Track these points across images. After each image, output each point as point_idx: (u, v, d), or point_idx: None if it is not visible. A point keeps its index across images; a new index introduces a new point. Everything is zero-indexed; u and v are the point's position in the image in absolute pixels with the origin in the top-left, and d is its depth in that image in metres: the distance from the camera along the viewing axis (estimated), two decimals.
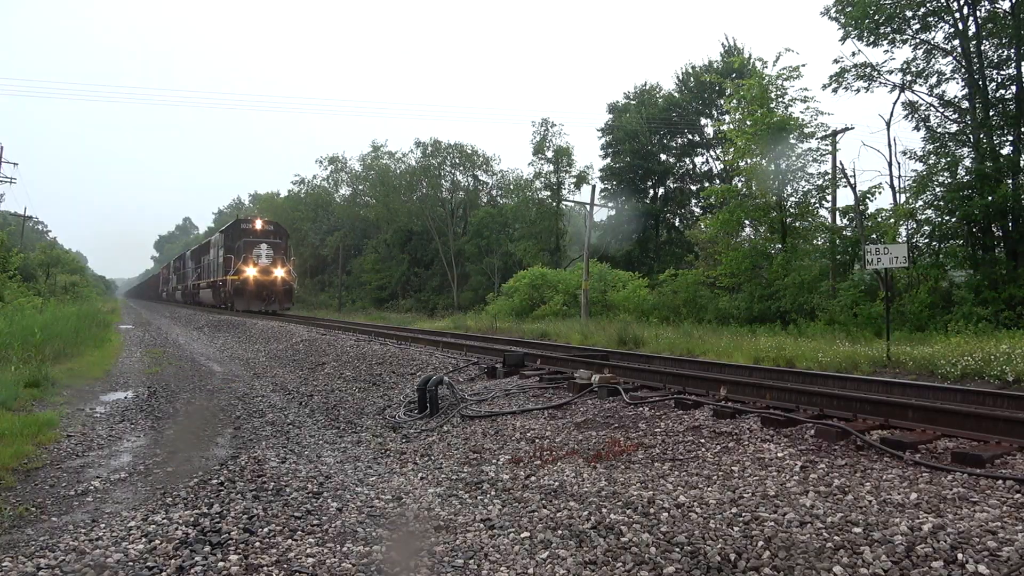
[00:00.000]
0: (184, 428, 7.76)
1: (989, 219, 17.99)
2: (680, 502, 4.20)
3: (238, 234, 31.26)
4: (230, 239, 31.41)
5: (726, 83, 26.56)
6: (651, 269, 34.49)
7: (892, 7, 19.64)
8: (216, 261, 34.01)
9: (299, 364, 13.11)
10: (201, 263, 39.78)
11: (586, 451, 5.66)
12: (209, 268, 36.54)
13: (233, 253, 30.45)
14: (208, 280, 36.36)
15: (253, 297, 29.38)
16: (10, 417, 7.27)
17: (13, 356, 10.81)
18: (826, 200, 22.34)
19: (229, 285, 30.29)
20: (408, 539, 4.14)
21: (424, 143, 49.01)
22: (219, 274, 32.91)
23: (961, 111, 19.79)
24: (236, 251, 30.38)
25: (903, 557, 3.21)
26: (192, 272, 43.62)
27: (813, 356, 11.64)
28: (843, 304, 18.30)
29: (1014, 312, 15.83)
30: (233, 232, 31.77)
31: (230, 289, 30.15)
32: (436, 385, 7.92)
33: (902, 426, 5.42)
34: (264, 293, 29.80)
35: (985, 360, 9.75)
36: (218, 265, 33.12)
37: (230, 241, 31.34)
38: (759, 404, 6.44)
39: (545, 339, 17.76)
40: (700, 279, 24.43)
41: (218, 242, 33.79)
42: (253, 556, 3.83)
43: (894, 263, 12.05)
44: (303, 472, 5.65)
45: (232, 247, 30.92)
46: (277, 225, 34.25)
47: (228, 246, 31.23)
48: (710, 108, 40.00)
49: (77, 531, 4.27)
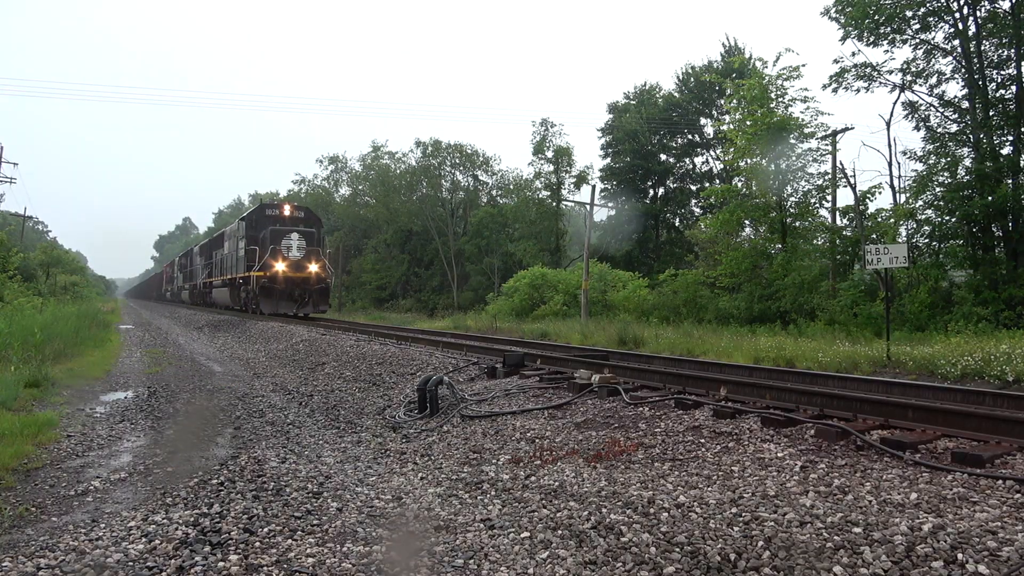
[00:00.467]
0: (184, 428, 7.75)
1: (989, 219, 18.00)
2: (680, 502, 4.20)
3: (263, 222, 26.20)
4: (253, 228, 26.19)
5: (726, 83, 26.58)
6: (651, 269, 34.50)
7: (892, 7, 19.64)
8: (234, 255, 28.51)
9: (299, 364, 13.11)
10: (213, 258, 34.46)
11: (586, 451, 5.66)
12: (224, 263, 31.19)
13: (257, 244, 25.24)
14: (223, 277, 31.04)
15: (282, 297, 24.62)
16: (10, 417, 7.27)
17: (13, 356, 10.80)
18: (826, 200, 22.35)
19: (252, 283, 24.93)
20: (408, 539, 4.14)
21: (424, 143, 49.08)
22: (238, 270, 27.55)
23: (961, 111, 19.80)
24: (261, 242, 25.19)
25: (903, 557, 3.21)
26: (201, 269, 38.23)
27: (813, 356, 11.64)
28: (843, 304, 18.31)
29: (1014, 312, 15.84)
30: (257, 219, 26.53)
31: (253, 288, 24.93)
32: (436, 385, 7.92)
33: (902, 426, 5.41)
34: (296, 293, 24.87)
35: (985, 360, 9.75)
36: (237, 259, 27.85)
37: (253, 230, 26.07)
38: (759, 404, 6.44)
39: (545, 339, 17.75)
40: (700, 279, 24.43)
41: (237, 232, 28.26)
42: (253, 556, 3.83)
43: (894, 263, 12.05)
44: (303, 472, 5.65)
45: (256, 237, 25.63)
46: (308, 211, 28.77)
47: (251, 236, 25.93)
48: (710, 108, 40.01)
49: (77, 531, 4.27)
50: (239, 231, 27.62)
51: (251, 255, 25.23)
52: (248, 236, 26.06)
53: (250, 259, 25.31)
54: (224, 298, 31.16)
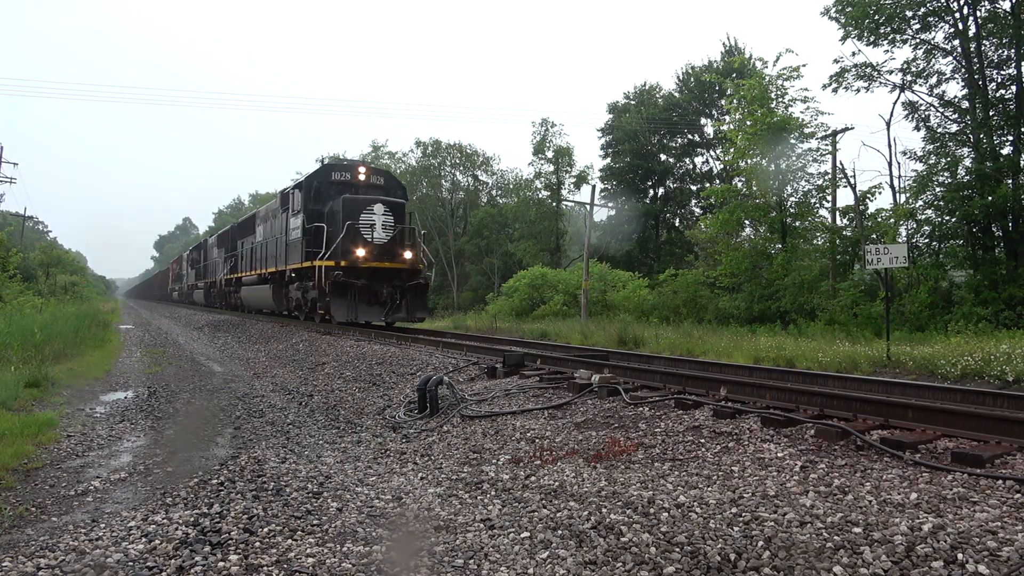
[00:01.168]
0: (184, 428, 7.76)
1: (989, 219, 18.02)
2: (680, 502, 4.20)
3: (328, 190, 18.42)
4: (315, 198, 18.28)
5: (726, 83, 26.63)
6: (651, 269, 34.54)
7: (892, 7, 19.67)
8: (279, 240, 20.37)
9: (299, 364, 13.11)
10: (240, 248, 26.63)
11: (586, 451, 5.66)
12: (259, 253, 23.20)
13: (325, 221, 17.41)
14: (259, 272, 22.96)
15: (364, 298, 16.75)
16: (10, 417, 7.28)
17: (13, 356, 10.81)
18: (826, 200, 22.38)
19: (319, 276, 16.83)
20: (408, 539, 4.14)
21: (424, 143, 49.16)
22: (287, 259, 19.40)
23: (961, 111, 19.81)
24: (329, 217, 17.54)
25: (903, 557, 3.21)
26: (222, 263, 30.18)
27: (813, 356, 11.65)
28: (843, 304, 18.33)
29: (1014, 312, 15.86)
30: (320, 186, 18.54)
31: (320, 283, 16.89)
32: (436, 385, 7.92)
33: (902, 426, 5.41)
34: (384, 291, 16.96)
35: (985, 360, 9.76)
36: (285, 245, 19.73)
37: (315, 202, 18.19)
38: (759, 404, 6.44)
39: (545, 339, 17.75)
40: (700, 279, 24.47)
41: (283, 208, 20.16)
42: (253, 556, 3.83)
43: (894, 263, 12.06)
44: (303, 472, 5.65)
45: (319, 212, 17.92)
46: (389, 175, 20.72)
47: (312, 211, 17.99)
48: (710, 108, 40.03)
49: (77, 531, 4.27)
50: (292, 203, 19.32)
51: (314, 237, 17.33)
52: (309, 211, 18.09)
53: (313, 242, 17.38)
54: (260, 299, 23.47)
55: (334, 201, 17.79)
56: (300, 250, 18.12)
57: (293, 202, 19.29)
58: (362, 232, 16.92)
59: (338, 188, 18.38)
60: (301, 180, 19.98)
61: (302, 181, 19.54)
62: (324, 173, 19.05)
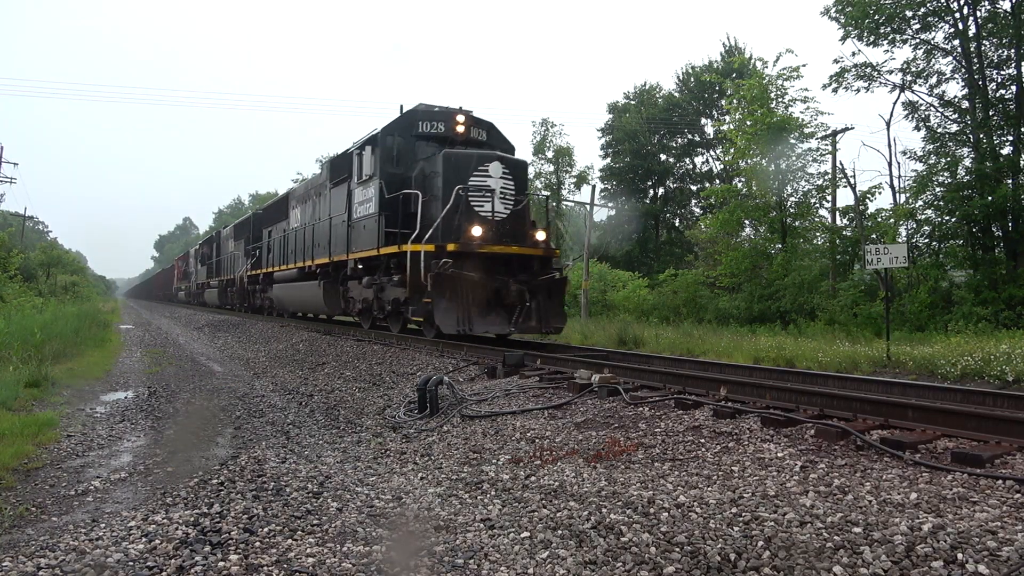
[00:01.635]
0: (184, 428, 7.76)
1: (989, 219, 18.04)
2: (680, 502, 4.20)
3: (415, 147, 13.53)
4: (395, 160, 13.38)
5: (726, 83, 26.66)
6: (651, 269, 34.53)
7: (892, 7, 19.68)
8: (338, 217, 15.17)
9: (299, 364, 13.11)
10: (269, 238, 21.65)
11: (586, 451, 5.66)
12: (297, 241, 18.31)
13: (416, 187, 12.63)
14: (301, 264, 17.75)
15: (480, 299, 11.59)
16: (10, 417, 7.28)
17: (13, 356, 10.81)
18: (826, 200, 22.40)
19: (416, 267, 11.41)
20: (408, 539, 4.14)
21: None
22: (356, 244, 14.24)
23: (961, 111, 19.83)
24: (423, 183, 12.66)
25: (903, 557, 3.21)
26: (243, 257, 25.15)
27: (813, 356, 11.65)
28: (843, 304, 18.34)
29: (1014, 312, 15.87)
30: (404, 143, 13.50)
31: (419, 278, 11.36)
32: (436, 385, 7.92)
33: (902, 426, 5.41)
34: (512, 288, 11.84)
35: (985, 360, 9.76)
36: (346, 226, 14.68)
37: (396, 165, 13.32)
38: (759, 404, 6.44)
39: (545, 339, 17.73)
40: (700, 279, 24.49)
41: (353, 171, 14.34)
42: (253, 556, 3.83)
43: (894, 263, 12.07)
44: (303, 472, 5.65)
45: (406, 177, 13.12)
46: (493, 127, 14.33)
47: (393, 177, 13.09)
48: (710, 108, 40.05)
49: (77, 531, 4.27)
50: (359, 169, 13.91)
51: (399, 211, 12.43)
52: (387, 176, 13.04)
53: (395, 220, 12.48)
54: (302, 299, 18.31)
55: (427, 161, 12.88)
56: (376, 231, 13.00)
57: (360, 166, 13.78)
58: (473, 204, 11.90)
59: (431, 142, 13.42)
60: (371, 134, 13.79)
61: (374, 134, 13.58)
62: (404, 125, 13.57)
